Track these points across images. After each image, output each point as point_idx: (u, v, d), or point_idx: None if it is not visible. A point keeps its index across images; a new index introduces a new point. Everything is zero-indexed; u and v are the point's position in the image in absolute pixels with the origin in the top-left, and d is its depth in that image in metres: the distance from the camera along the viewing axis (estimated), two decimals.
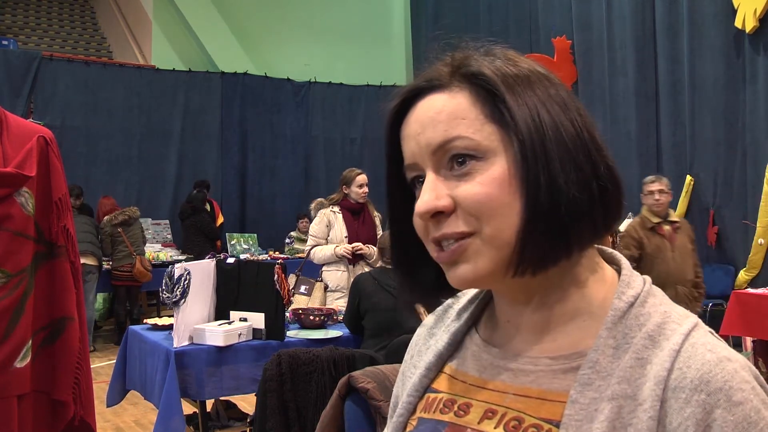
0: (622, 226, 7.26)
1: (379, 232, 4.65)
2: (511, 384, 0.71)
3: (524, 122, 0.66)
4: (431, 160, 0.69)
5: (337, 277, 4.46)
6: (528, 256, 0.66)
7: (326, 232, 4.54)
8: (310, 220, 4.70)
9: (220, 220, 9.05)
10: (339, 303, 4.29)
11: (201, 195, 8.50)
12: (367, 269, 4.46)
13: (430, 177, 0.69)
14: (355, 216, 4.61)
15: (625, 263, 0.74)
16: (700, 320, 0.69)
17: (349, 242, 4.48)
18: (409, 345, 0.87)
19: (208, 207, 8.67)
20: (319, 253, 4.48)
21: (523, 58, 0.72)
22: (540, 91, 0.69)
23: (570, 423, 0.64)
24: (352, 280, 4.35)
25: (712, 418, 0.61)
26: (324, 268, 4.52)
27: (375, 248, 4.49)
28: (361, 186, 4.57)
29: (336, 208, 4.59)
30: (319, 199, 4.83)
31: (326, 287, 4.41)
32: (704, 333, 0.67)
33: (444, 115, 0.68)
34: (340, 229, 4.53)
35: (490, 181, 0.66)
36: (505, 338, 0.75)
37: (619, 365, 0.65)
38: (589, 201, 0.67)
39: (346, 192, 4.60)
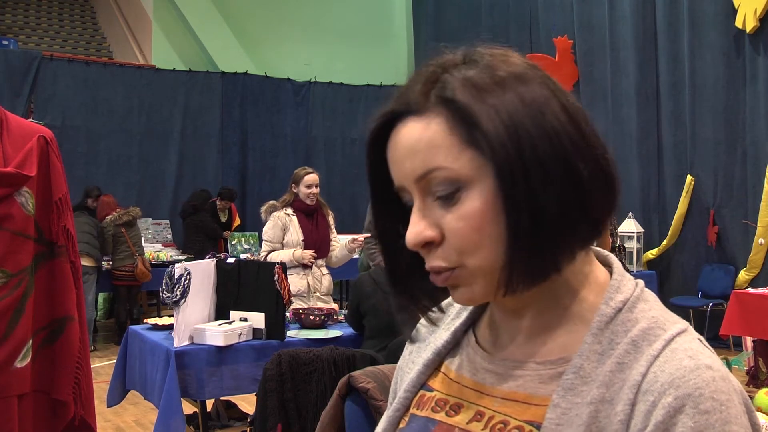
0: (622, 227, 7.30)
1: (333, 233, 4.49)
2: (500, 388, 0.71)
3: (501, 145, 0.63)
4: (416, 187, 0.68)
5: (297, 281, 4.22)
6: (516, 279, 0.66)
7: (281, 236, 4.32)
8: (263, 224, 4.47)
9: (237, 222, 9.01)
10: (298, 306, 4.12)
11: (204, 194, 8.50)
12: (324, 270, 4.41)
13: (418, 204, 0.68)
14: (309, 218, 4.39)
15: (617, 266, 0.73)
16: (690, 327, 0.67)
17: (305, 246, 4.29)
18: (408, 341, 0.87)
19: (225, 211, 8.65)
20: (276, 259, 4.19)
21: (509, 57, 0.68)
22: (515, 100, 0.65)
23: (550, 426, 0.65)
24: (309, 284, 4.29)
25: (673, 422, 0.60)
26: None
27: (342, 245, 4.39)
28: (309, 186, 4.33)
29: (290, 210, 4.37)
30: (270, 202, 4.54)
31: None
32: (690, 340, 0.65)
33: (422, 144, 0.66)
34: (296, 232, 4.31)
35: (473, 214, 0.65)
36: (499, 342, 0.75)
37: (602, 370, 0.65)
38: (577, 209, 0.65)
39: (295, 191, 4.38)
